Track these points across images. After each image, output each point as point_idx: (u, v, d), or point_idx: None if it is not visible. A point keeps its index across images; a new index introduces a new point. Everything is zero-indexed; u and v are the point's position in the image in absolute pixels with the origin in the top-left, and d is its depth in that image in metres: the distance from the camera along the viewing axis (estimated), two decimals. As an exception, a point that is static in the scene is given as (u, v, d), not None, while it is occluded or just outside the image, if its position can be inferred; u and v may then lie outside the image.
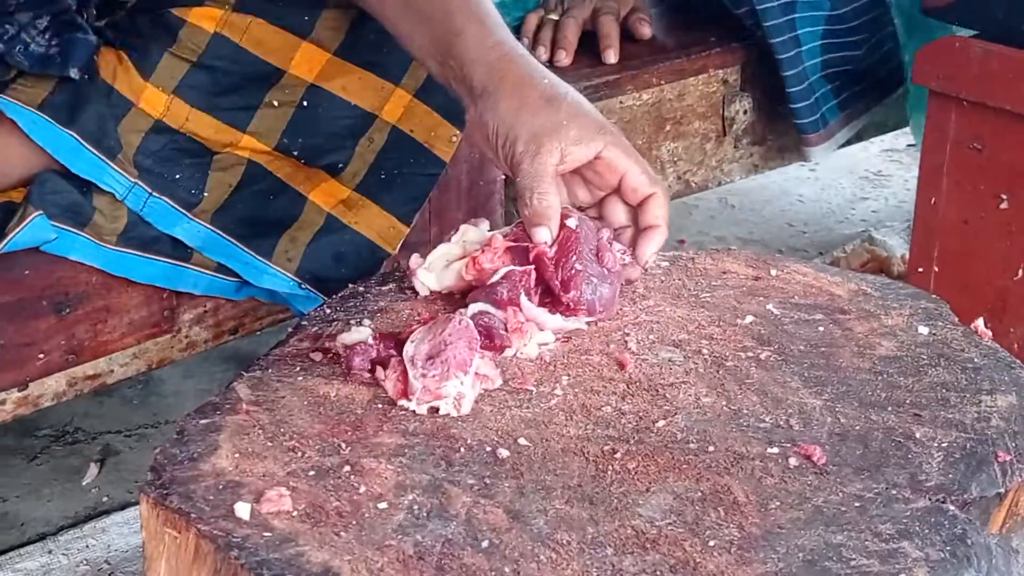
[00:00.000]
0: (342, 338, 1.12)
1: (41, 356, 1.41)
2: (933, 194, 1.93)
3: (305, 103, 1.47)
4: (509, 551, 0.89)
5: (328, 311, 1.20)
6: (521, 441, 1.01)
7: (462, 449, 1.00)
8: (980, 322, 1.20)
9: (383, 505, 0.93)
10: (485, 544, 0.90)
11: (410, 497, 0.94)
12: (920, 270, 1.96)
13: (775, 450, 1.01)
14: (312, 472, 0.97)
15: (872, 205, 2.82)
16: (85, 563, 1.70)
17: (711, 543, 0.91)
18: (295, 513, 0.92)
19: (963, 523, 0.93)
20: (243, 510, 0.91)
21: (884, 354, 1.15)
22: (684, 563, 0.89)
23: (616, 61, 1.96)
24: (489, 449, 1.00)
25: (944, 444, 1.02)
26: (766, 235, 2.68)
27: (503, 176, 1.65)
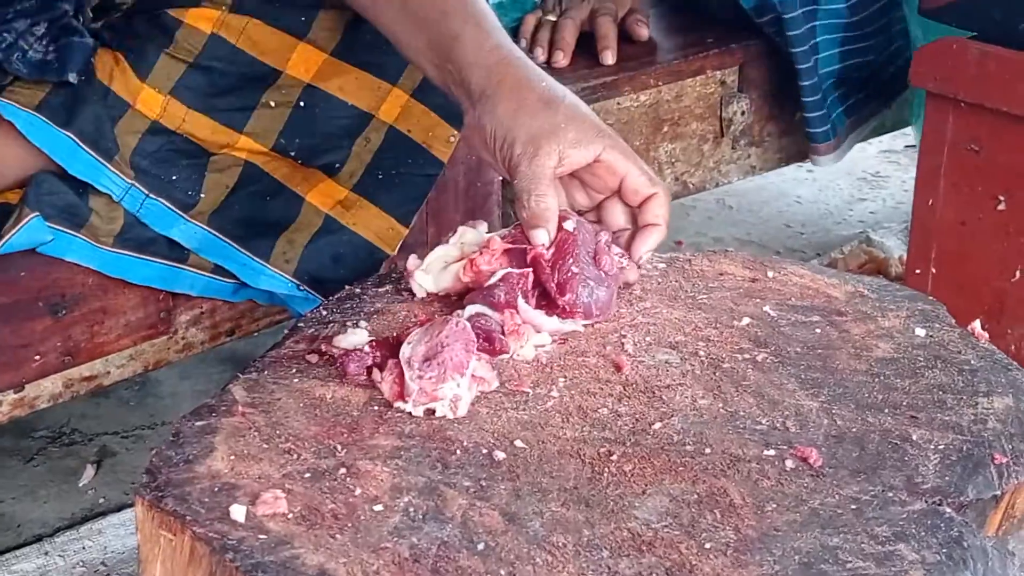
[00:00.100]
0: (338, 340, 1.12)
1: (37, 358, 1.41)
2: (931, 195, 1.93)
3: (302, 103, 1.47)
4: (505, 554, 0.89)
5: (324, 313, 1.20)
6: (517, 443, 1.01)
7: (458, 451, 1.00)
8: (977, 324, 1.20)
9: (379, 507, 0.93)
10: (481, 546, 0.90)
11: (406, 499, 0.94)
12: (918, 271, 1.96)
13: (771, 452, 1.01)
14: (308, 474, 0.97)
15: (870, 206, 2.82)
16: (81, 565, 1.70)
17: (707, 545, 0.90)
18: (291, 515, 0.92)
19: (959, 525, 0.93)
20: (239, 512, 0.91)
21: (881, 356, 1.15)
22: (680, 566, 0.89)
23: (614, 62, 1.96)
24: (485, 451, 1.00)
25: (941, 446, 1.02)
26: (764, 236, 2.68)
27: (500, 177, 1.65)
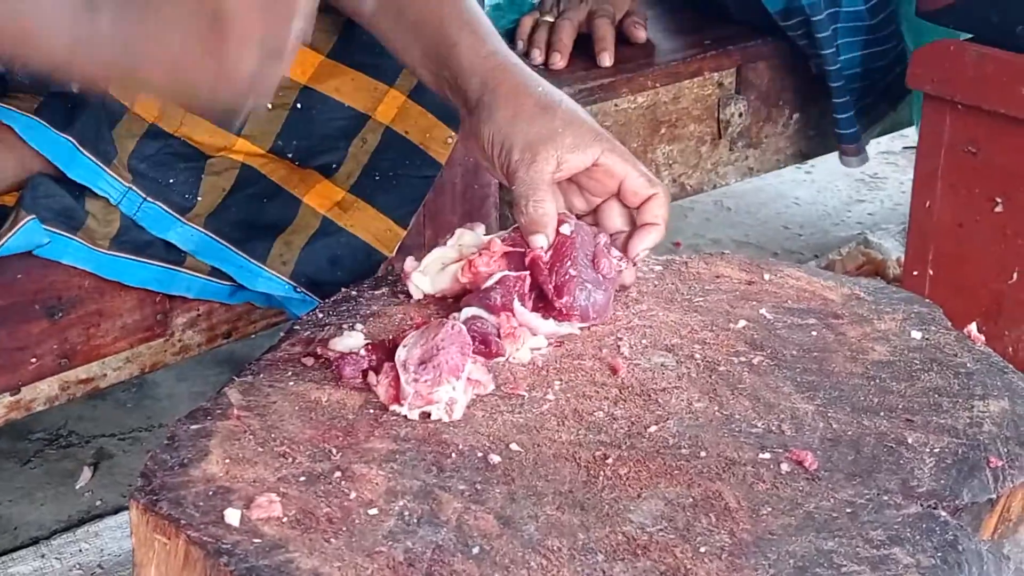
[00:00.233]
0: (334, 343, 1.12)
1: (33, 360, 1.41)
2: (928, 197, 1.93)
3: (299, 105, 1.47)
4: (500, 557, 0.89)
5: (320, 315, 1.20)
6: (513, 447, 1.01)
7: (453, 455, 1.00)
8: (973, 327, 1.20)
9: (373, 511, 0.93)
10: (476, 550, 0.90)
11: (401, 503, 0.94)
12: (915, 273, 1.96)
13: (767, 455, 1.01)
14: (303, 478, 0.96)
15: (868, 208, 2.82)
16: (78, 567, 1.70)
17: (702, 549, 0.90)
18: (285, 519, 0.92)
19: (954, 529, 0.93)
20: (233, 516, 0.91)
21: (877, 359, 1.15)
22: (675, 569, 0.89)
23: (611, 64, 1.96)
24: (480, 455, 1.00)
25: (936, 449, 1.02)
26: (762, 238, 2.68)
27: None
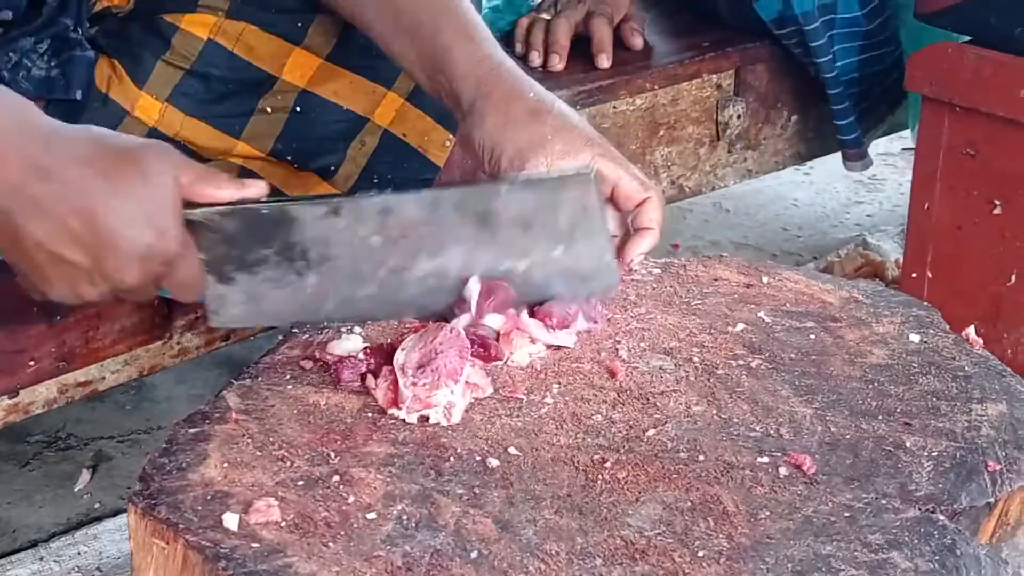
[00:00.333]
0: (332, 347, 1.12)
1: (32, 363, 1.41)
2: (927, 199, 1.93)
3: (298, 108, 1.47)
4: (498, 562, 0.89)
5: (319, 319, 1.20)
6: (511, 450, 1.01)
7: (452, 458, 1.00)
8: (971, 330, 1.20)
9: (372, 515, 0.93)
10: (474, 555, 0.90)
11: (399, 507, 0.94)
12: (914, 275, 1.97)
13: (765, 459, 1.01)
14: (301, 482, 0.96)
15: (866, 209, 2.82)
16: (77, 570, 1.69)
17: (700, 553, 0.90)
18: (283, 523, 0.92)
19: (952, 533, 0.93)
20: (231, 520, 0.91)
21: (875, 362, 1.15)
22: (673, 574, 0.89)
23: (609, 66, 1.96)
24: (479, 458, 1.00)
25: (934, 453, 1.02)
26: (760, 239, 2.68)
27: (496, 182, 1.64)
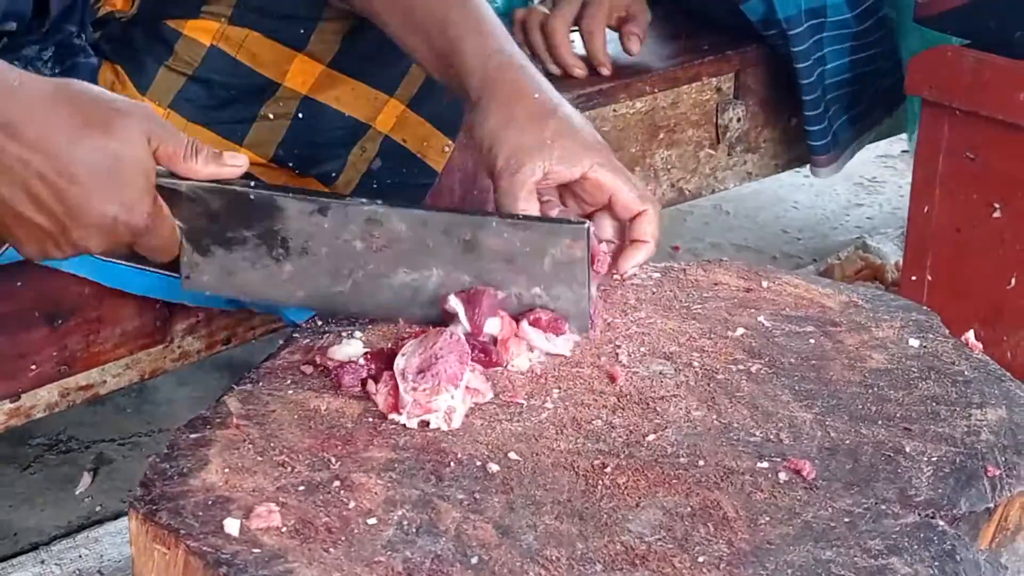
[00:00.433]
0: (333, 352, 1.12)
1: (33, 367, 1.41)
2: (926, 203, 1.93)
3: (300, 115, 1.47)
4: (498, 567, 0.89)
5: (319, 323, 1.20)
6: (511, 455, 1.01)
7: (452, 463, 1.00)
8: (971, 334, 1.20)
9: (372, 521, 0.93)
10: (475, 560, 0.90)
11: (400, 513, 0.94)
12: (913, 279, 1.97)
13: (765, 464, 1.01)
14: (302, 487, 0.97)
15: (866, 211, 2.82)
16: (78, 573, 1.70)
17: (700, 559, 0.91)
18: (284, 529, 0.92)
19: (952, 539, 0.93)
20: (232, 526, 0.91)
21: (875, 367, 1.15)
22: (673, 579, 0.89)
23: (609, 74, 1.95)
24: (479, 464, 1.00)
25: (934, 458, 1.02)
26: (760, 242, 2.68)
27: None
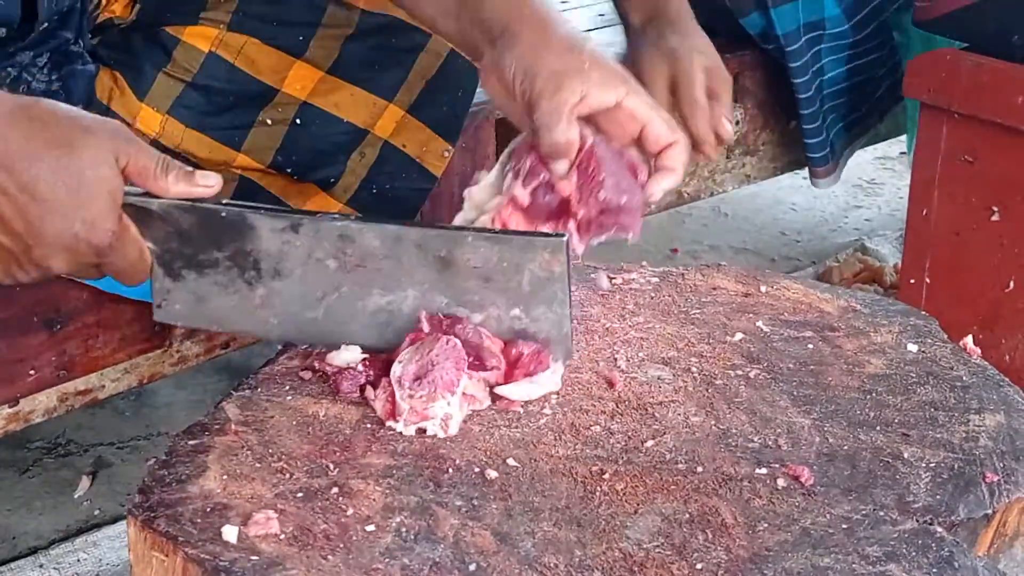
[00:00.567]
0: (331, 357, 1.12)
1: (32, 372, 1.41)
2: (925, 206, 1.93)
3: (298, 121, 1.47)
4: (497, 574, 0.89)
5: (318, 329, 1.20)
6: (510, 462, 1.01)
7: (450, 470, 1.00)
8: (969, 339, 1.20)
9: (370, 528, 0.93)
10: (473, 567, 0.90)
11: (398, 519, 0.94)
12: (912, 282, 1.97)
13: (763, 471, 1.01)
14: (300, 494, 0.97)
15: (865, 213, 2.82)
16: (77, 577, 1.70)
17: (699, 566, 0.91)
18: (282, 536, 0.92)
19: (950, 545, 0.93)
20: (230, 533, 0.91)
21: (873, 372, 1.15)
22: (671, 586, 0.89)
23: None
24: (477, 470, 1.00)
25: (932, 464, 1.02)
26: (759, 244, 2.68)
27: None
